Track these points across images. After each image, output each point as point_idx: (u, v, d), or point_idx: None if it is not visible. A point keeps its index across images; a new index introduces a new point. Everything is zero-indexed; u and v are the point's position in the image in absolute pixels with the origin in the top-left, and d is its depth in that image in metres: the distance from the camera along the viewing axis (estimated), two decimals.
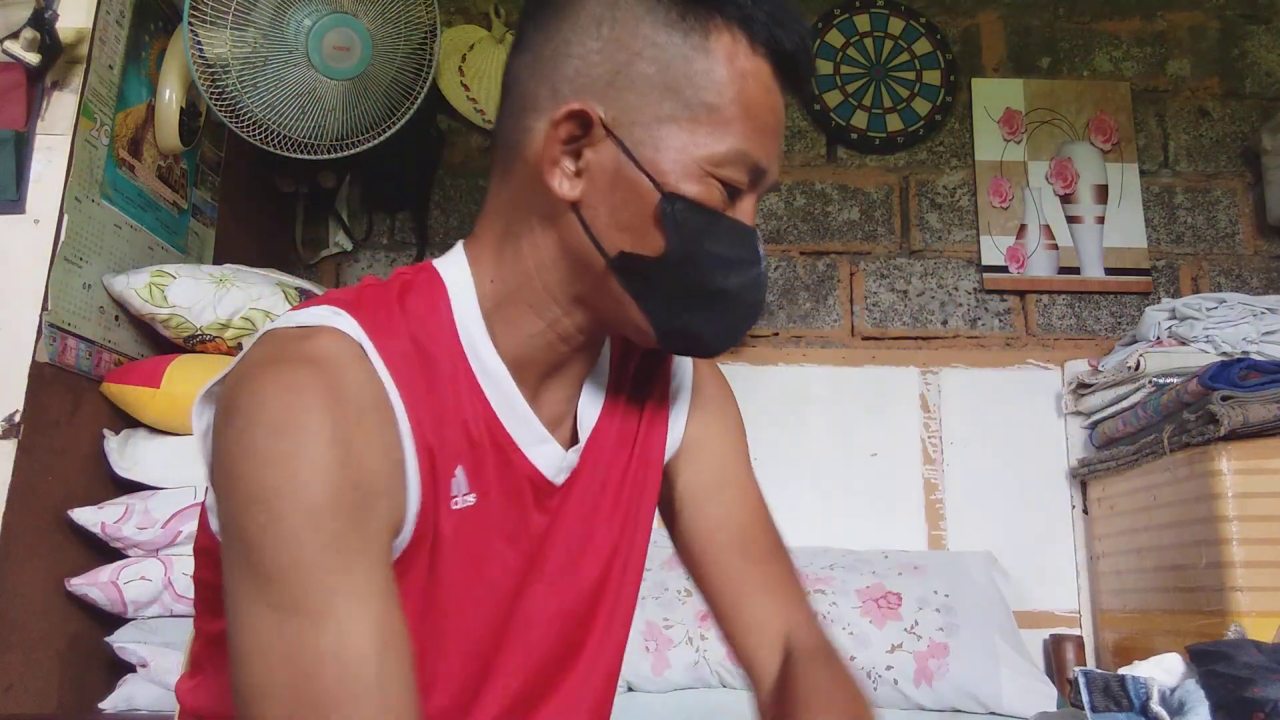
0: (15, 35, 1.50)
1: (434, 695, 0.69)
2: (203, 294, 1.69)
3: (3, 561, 1.43)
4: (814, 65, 0.73)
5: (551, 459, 0.73)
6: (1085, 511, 2.25)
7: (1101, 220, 2.46)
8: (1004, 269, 2.42)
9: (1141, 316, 2.20)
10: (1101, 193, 2.47)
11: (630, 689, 1.87)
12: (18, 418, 1.47)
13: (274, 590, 0.57)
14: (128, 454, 1.65)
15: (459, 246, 0.75)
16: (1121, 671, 0.82)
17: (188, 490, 1.62)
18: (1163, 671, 0.78)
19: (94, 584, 1.56)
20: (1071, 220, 2.46)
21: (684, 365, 0.87)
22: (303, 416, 0.59)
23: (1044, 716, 0.98)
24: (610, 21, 0.67)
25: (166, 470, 1.64)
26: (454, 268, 0.73)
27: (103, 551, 1.61)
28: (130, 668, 1.57)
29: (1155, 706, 0.74)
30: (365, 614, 0.58)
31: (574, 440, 0.77)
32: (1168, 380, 1.96)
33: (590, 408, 0.78)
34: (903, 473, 2.29)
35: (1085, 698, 0.78)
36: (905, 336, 2.42)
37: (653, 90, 0.66)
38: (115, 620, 1.61)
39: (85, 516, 1.57)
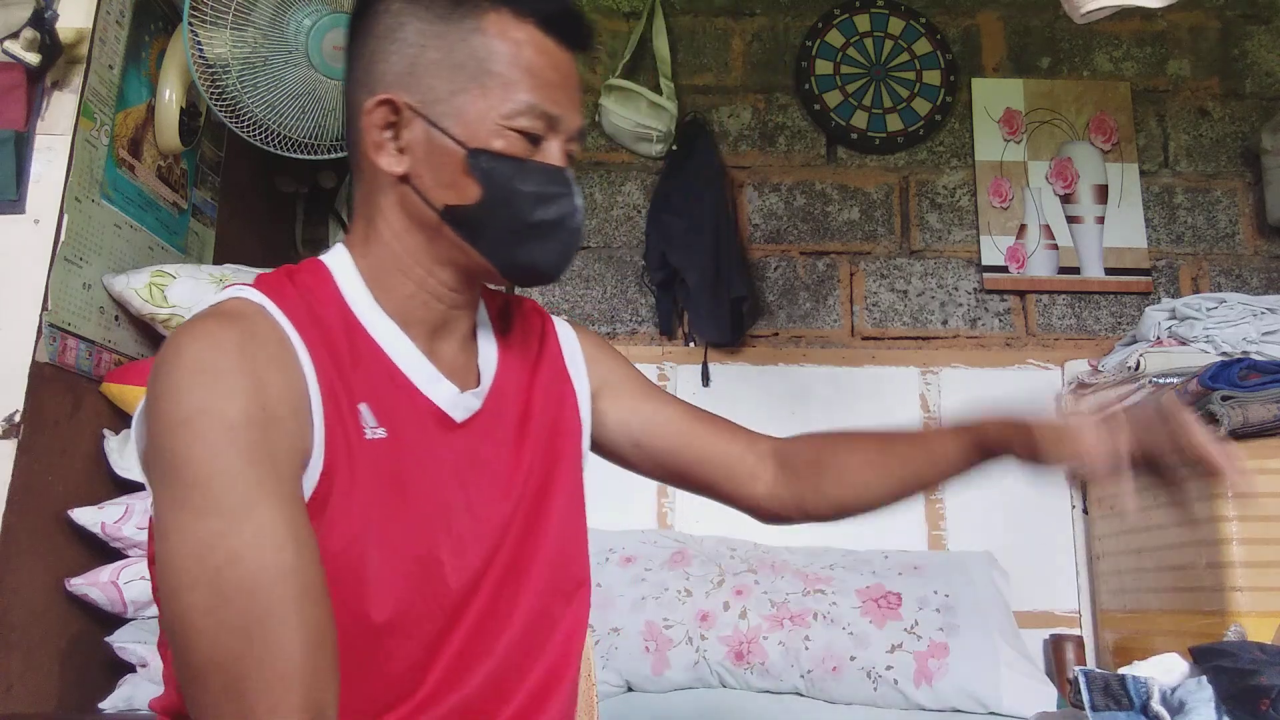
0: (15, 35, 1.50)
1: (376, 613, 0.75)
2: (203, 294, 1.69)
3: (3, 561, 1.43)
4: (582, 22, 0.86)
5: (448, 395, 0.84)
6: (1085, 511, 2.25)
7: (1101, 220, 2.46)
8: (1004, 269, 2.42)
9: (1141, 316, 2.20)
10: (1101, 193, 2.47)
11: (630, 689, 1.87)
12: (18, 418, 1.47)
13: (196, 496, 0.66)
14: (128, 454, 1.65)
15: (338, 243, 0.88)
16: (1122, 671, 0.82)
17: None
18: (1163, 671, 0.78)
19: (94, 584, 1.56)
20: (1071, 220, 2.46)
21: (566, 333, 1.02)
22: (216, 354, 0.70)
23: (1044, 716, 0.98)
24: (399, 28, 0.82)
25: None
26: (333, 254, 0.86)
27: (103, 551, 1.61)
28: (130, 668, 1.57)
29: (1156, 706, 0.74)
30: (279, 514, 0.67)
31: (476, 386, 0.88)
32: (1168, 380, 1.96)
33: (487, 362, 0.91)
34: None
35: (1085, 697, 0.78)
36: (905, 336, 2.42)
37: (444, 72, 0.80)
38: (115, 620, 1.61)
39: (85, 516, 1.57)
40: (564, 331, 1.02)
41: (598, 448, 1.02)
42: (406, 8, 0.82)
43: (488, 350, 0.92)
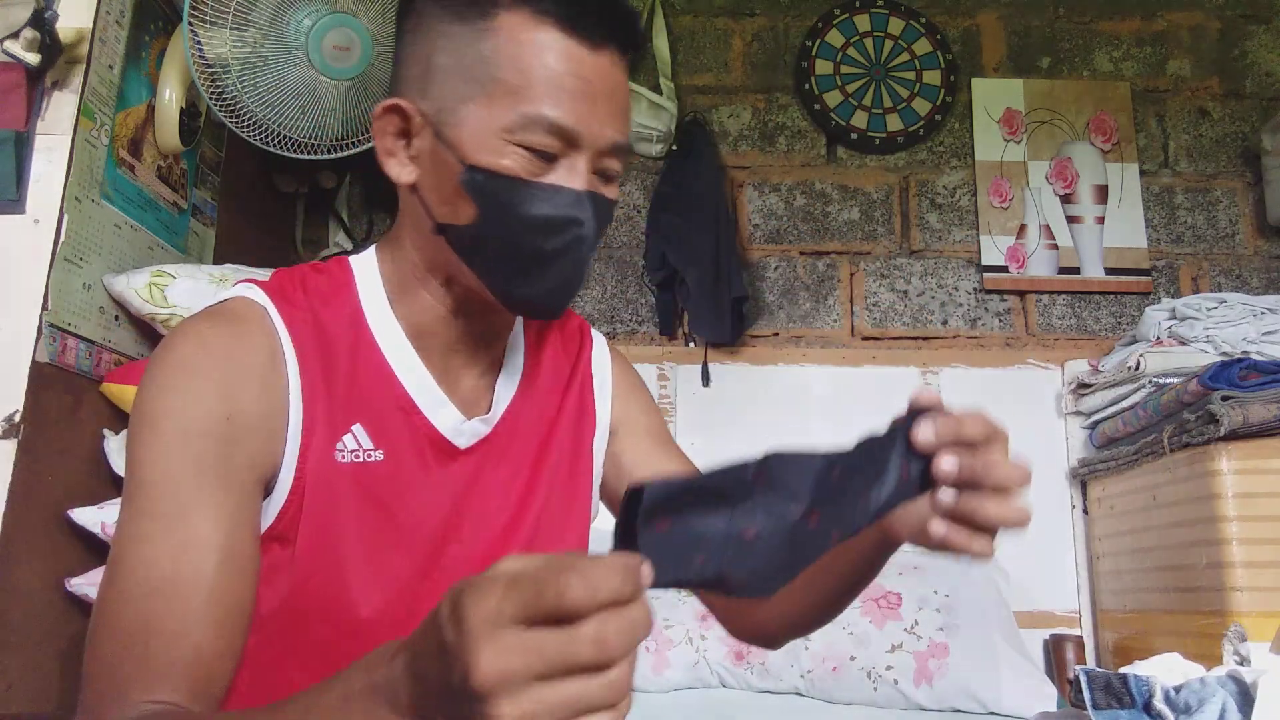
0: (15, 35, 1.50)
1: (356, 642, 0.73)
2: (203, 294, 1.69)
3: (3, 561, 1.43)
4: (620, 17, 0.74)
5: (450, 421, 0.80)
6: (1085, 511, 2.25)
7: (1101, 220, 2.46)
8: (1004, 269, 2.42)
9: (1141, 316, 2.20)
10: (1101, 193, 2.47)
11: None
12: (18, 418, 1.47)
13: (141, 496, 0.67)
14: None
15: (374, 244, 0.85)
16: (1123, 670, 0.82)
17: None
18: (1164, 671, 0.78)
19: (94, 584, 1.56)
20: (1071, 220, 2.46)
21: (602, 359, 0.96)
22: (196, 357, 0.70)
23: (1044, 716, 0.98)
24: (420, 28, 0.76)
25: None
26: (361, 257, 0.83)
27: (102, 551, 1.61)
28: None
29: (1159, 704, 0.74)
30: (214, 526, 0.67)
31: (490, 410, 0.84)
32: (1168, 380, 1.96)
33: (506, 387, 0.85)
34: None
35: (1087, 695, 0.78)
36: (905, 336, 2.42)
37: (451, 77, 0.74)
38: None
39: (85, 516, 1.57)
40: (599, 357, 0.95)
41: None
42: (429, 6, 0.76)
43: (511, 372, 0.86)
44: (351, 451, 0.75)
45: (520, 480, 0.84)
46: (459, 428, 0.80)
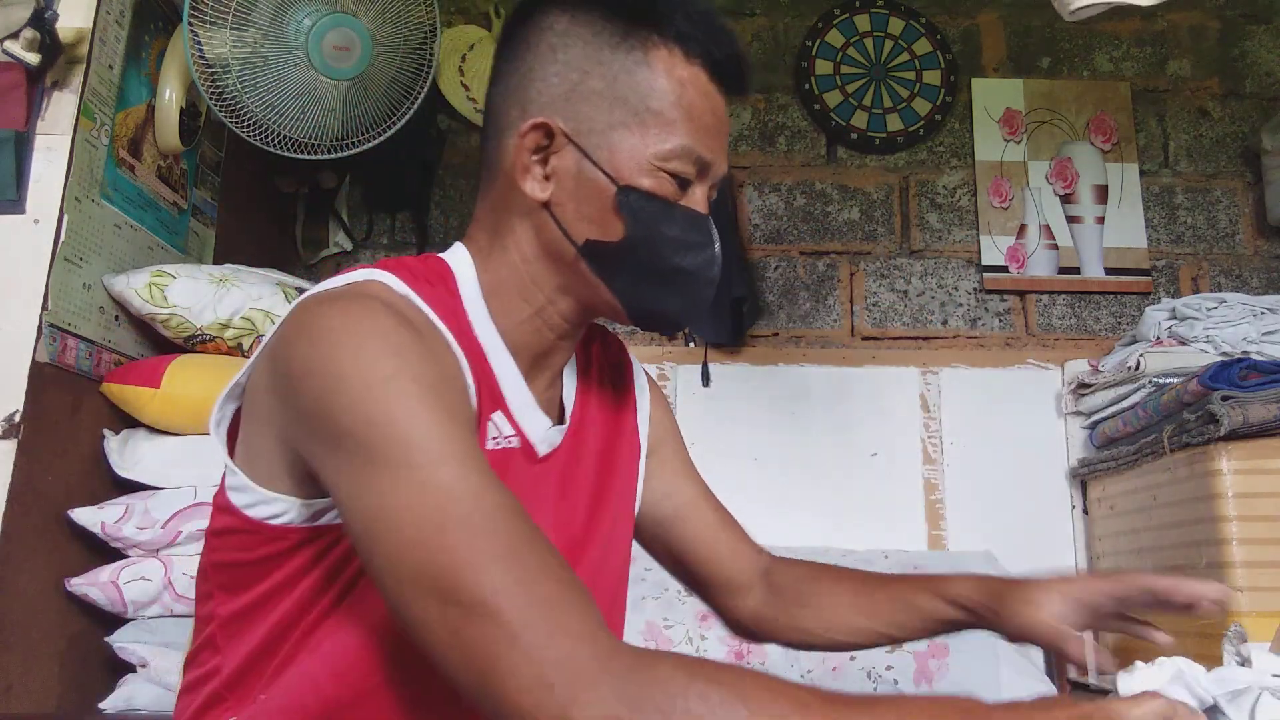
0: (15, 35, 1.50)
1: None
2: (203, 294, 1.69)
3: (3, 561, 1.43)
4: (748, 69, 0.84)
5: (539, 428, 0.82)
6: (1085, 511, 2.25)
7: (1101, 220, 2.46)
8: (1004, 269, 2.42)
9: (1141, 316, 2.20)
10: (1101, 193, 2.47)
11: None
12: (18, 418, 1.47)
13: (395, 452, 0.62)
14: (128, 454, 1.65)
15: (458, 243, 0.85)
16: (1118, 673, 0.82)
17: (188, 490, 1.62)
18: (1166, 676, 0.78)
19: (94, 584, 1.56)
20: (1071, 220, 2.46)
21: (640, 379, 1.02)
22: (383, 325, 0.67)
23: None
24: (563, 48, 0.79)
25: (166, 470, 1.64)
26: (457, 259, 0.83)
27: (103, 551, 1.61)
28: (130, 668, 1.57)
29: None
30: (479, 464, 0.64)
31: (559, 420, 0.87)
32: (1168, 380, 1.96)
33: (569, 395, 0.89)
34: (903, 473, 2.28)
35: (1091, 659, 0.80)
36: (905, 336, 2.42)
37: (604, 102, 0.78)
38: (115, 620, 1.61)
39: (85, 516, 1.57)
40: (639, 379, 1.02)
41: None
42: (573, 29, 0.79)
43: (570, 384, 0.89)
44: (492, 439, 0.77)
45: (584, 493, 0.86)
46: (544, 434, 0.82)
